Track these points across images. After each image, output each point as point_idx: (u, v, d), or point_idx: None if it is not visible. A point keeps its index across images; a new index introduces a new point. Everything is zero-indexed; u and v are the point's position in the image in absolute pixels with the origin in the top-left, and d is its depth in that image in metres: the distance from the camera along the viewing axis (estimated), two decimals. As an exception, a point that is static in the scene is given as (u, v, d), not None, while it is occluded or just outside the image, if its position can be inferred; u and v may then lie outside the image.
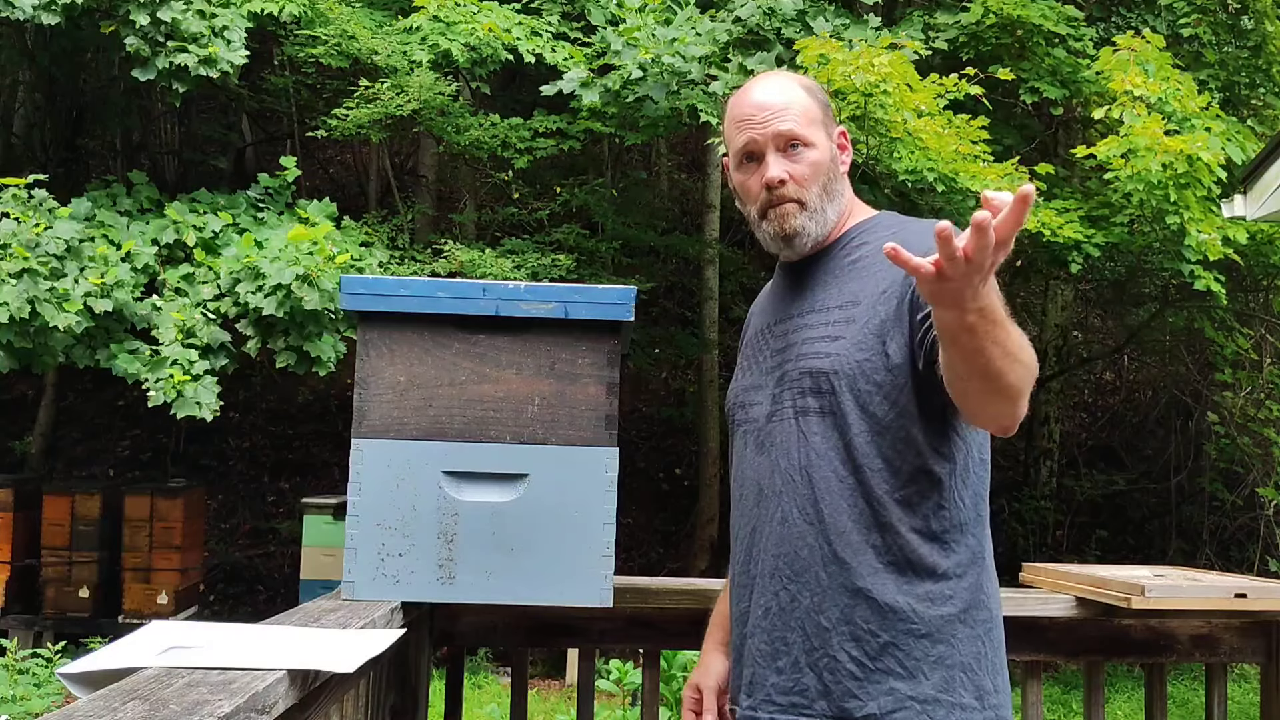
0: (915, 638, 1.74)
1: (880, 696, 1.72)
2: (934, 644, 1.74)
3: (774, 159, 1.85)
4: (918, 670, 1.73)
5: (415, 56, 8.34)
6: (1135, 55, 7.55)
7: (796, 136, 1.85)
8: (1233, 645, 2.51)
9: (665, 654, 4.66)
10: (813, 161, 1.86)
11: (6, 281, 6.98)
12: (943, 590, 1.76)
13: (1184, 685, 8.11)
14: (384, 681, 2.18)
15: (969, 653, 1.76)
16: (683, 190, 13.08)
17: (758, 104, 1.87)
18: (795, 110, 1.86)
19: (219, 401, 7.19)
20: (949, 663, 1.74)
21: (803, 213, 1.86)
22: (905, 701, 1.72)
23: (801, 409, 1.82)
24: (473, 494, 2.08)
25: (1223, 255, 7.31)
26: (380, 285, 2.10)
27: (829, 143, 1.89)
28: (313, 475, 11.17)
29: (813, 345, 1.83)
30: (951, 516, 1.79)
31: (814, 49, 7.02)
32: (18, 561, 8.50)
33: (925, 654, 1.73)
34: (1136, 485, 11.37)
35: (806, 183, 1.85)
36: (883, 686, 1.72)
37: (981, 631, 1.79)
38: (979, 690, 1.76)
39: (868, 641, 1.74)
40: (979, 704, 1.75)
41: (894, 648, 1.73)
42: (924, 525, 1.77)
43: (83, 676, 1.42)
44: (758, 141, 1.86)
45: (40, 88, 11.76)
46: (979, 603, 1.80)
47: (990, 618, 1.82)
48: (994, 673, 1.79)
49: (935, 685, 1.73)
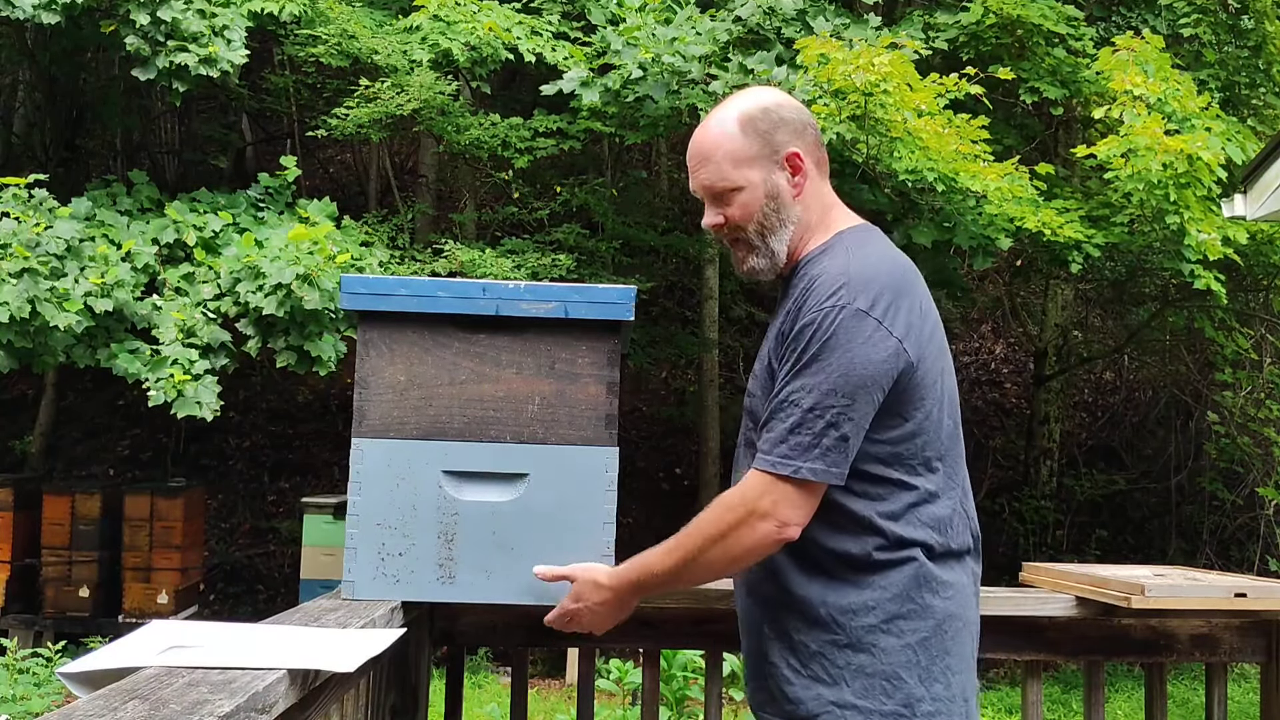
0: (838, 648, 1.85)
1: (810, 701, 1.85)
2: (855, 653, 1.84)
3: (708, 208, 1.97)
4: (840, 678, 1.84)
5: (415, 56, 8.34)
6: (1135, 55, 7.55)
7: (719, 188, 1.93)
8: (1233, 645, 2.51)
9: (665, 654, 4.66)
10: (743, 204, 1.93)
11: (7, 281, 6.98)
12: (865, 602, 1.85)
13: (1184, 685, 8.11)
14: (384, 681, 2.18)
15: (896, 661, 1.83)
16: (683, 190, 13.05)
17: (690, 153, 1.98)
18: (718, 157, 1.92)
19: (219, 401, 7.19)
20: (869, 671, 1.83)
21: (750, 254, 1.96)
22: (828, 706, 1.84)
23: (747, 440, 1.97)
24: (473, 494, 2.08)
25: (1223, 255, 7.30)
26: (380, 285, 2.10)
27: (764, 176, 1.92)
28: (313, 475, 11.17)
29: (751, 381, 1.99)
30: (873, 539, 1.85)
31: (814, 48, 7.02)
32: (18, 561, 8.50)
33: (847, 662, 1.84)
34: (1136, 485, 11.37)
35: (742, 224, 1.94)
36: (811, 692, 1.86)
37: (913, 640, 1.84)
38: (908, 698, 1.82)
39: (800, 650, 1.87)
40: (907, 710, 1.82)
41: (821, 656, 1.86)
42: (845, 548, 1.86)
43: (83, 676, 1.42)
44: (696, 192, 1.99)
45: (40, 87, 11.75)
46: (910, 613, 1.85)
47: (928, 627, 1.85)
48: (930, 680, 1.84)
49: (855, 692, 1.83)
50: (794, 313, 1.85)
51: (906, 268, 1.91)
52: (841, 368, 1.78)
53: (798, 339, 1.82)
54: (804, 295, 1.85)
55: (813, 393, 1.78)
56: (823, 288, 1.83)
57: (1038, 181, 7.75)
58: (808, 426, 1.78)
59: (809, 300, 1.84)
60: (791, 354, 1.83)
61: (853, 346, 1.78)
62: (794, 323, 1.84)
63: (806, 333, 1.81)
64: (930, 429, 1.86)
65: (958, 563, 1.90)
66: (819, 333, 1.80)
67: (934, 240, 7.57)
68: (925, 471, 1.86)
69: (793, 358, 1.82)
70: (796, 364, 1.81)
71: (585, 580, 2.01)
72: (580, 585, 2.01)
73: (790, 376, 1.81)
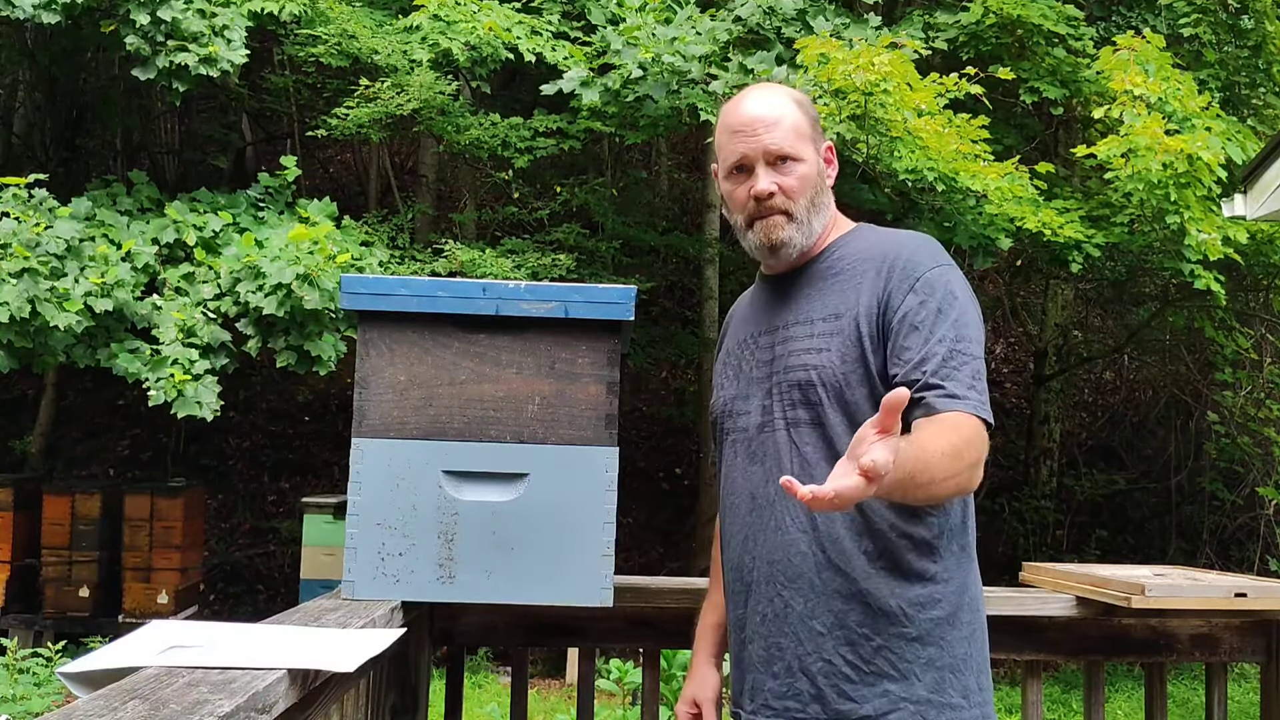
0: (907, 640, 1.79)
1: (875, 699, 1.78)
2: (925, 646, 1.79)
3: (764, 172, 1.90)
4: (910, 672, 1.78)
5: (415, 56, 8.33)
6: (1135, 55, 7.55)
7: (786, 152, 1.90)
8: (1233, 645, 2.51)
9: (665, 653, 4.66)
10: (801, 175, 1.91)
11: (7, 281, 6.98)
12: (932, 594, 1.81)
13: (1184, 685, 8.11)
14: (384, 681, 2.18)
15: (957, 654, 1.82)
16: (683, 190, 13.08)
17: (751, 116, 1.91)
18: (786, 125, 1.90)
19: (219, 401, 7.19)
20: (939, 664, 1.79)
21: (790, 224, 1.91)
22: (899, 703, 1.77)
23: (793, 420, 1.87)
24: (473, 493, 2.08)
25: (1223, 255, 7.30)
26: (380, 285, 2.10)
27: (816, 157, 1.94)
28: (313, 475, 11.17)
29: (799, 357, 1.88)
30: (940, 523, 1.84)
31: (814, 48, 7.02)
32: (18, 561, 8.50)
33: (917, 656, 1.79)
34: (1136, 485, 11.37)
35: (795, 195, 1.90)
36: (877, 689, 1.78)
37: (967, 633, 1.84)
38: (965, 690, 1.82)
39: (862, 645, 1.79)
40: (966, 702, 1.81)
41: (887, 650, 1.79)
42: (914, 531, 1.82)
43: (83, 676, 1.42)
44: (749, 155, 1.91)
45: (40, 87, 11.75)
46: (966, 605, 1.85)
47: (975, 619, 1.87)
48: (979, 672, 1.85)
49: (927, 687, 1.78)
50: (899, 271, 1.83)
51: None
52: (977, 321, 1.84)
53: (931, 290, 1.81)
54: (899, 248, 1.87)
55: (972, 343, 1.81)
56: (923, 246, 1.88)
57: (1038, 181, 7.75)
58: (979, 374, 1.80)
59: (920, 256, 1.85)
60: (932, 303, 1.80)
61: (974, 303, 1.86)
62: (913, 274, 1.83)
63: (939, 286, 1.81)
64: None
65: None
66: (952, 285, 1.83)
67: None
68: None
69: (934, 308, 1.80)
70: (941, 314, 1.80)
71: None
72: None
73: (943, 326, 1.79)
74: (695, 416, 11.07)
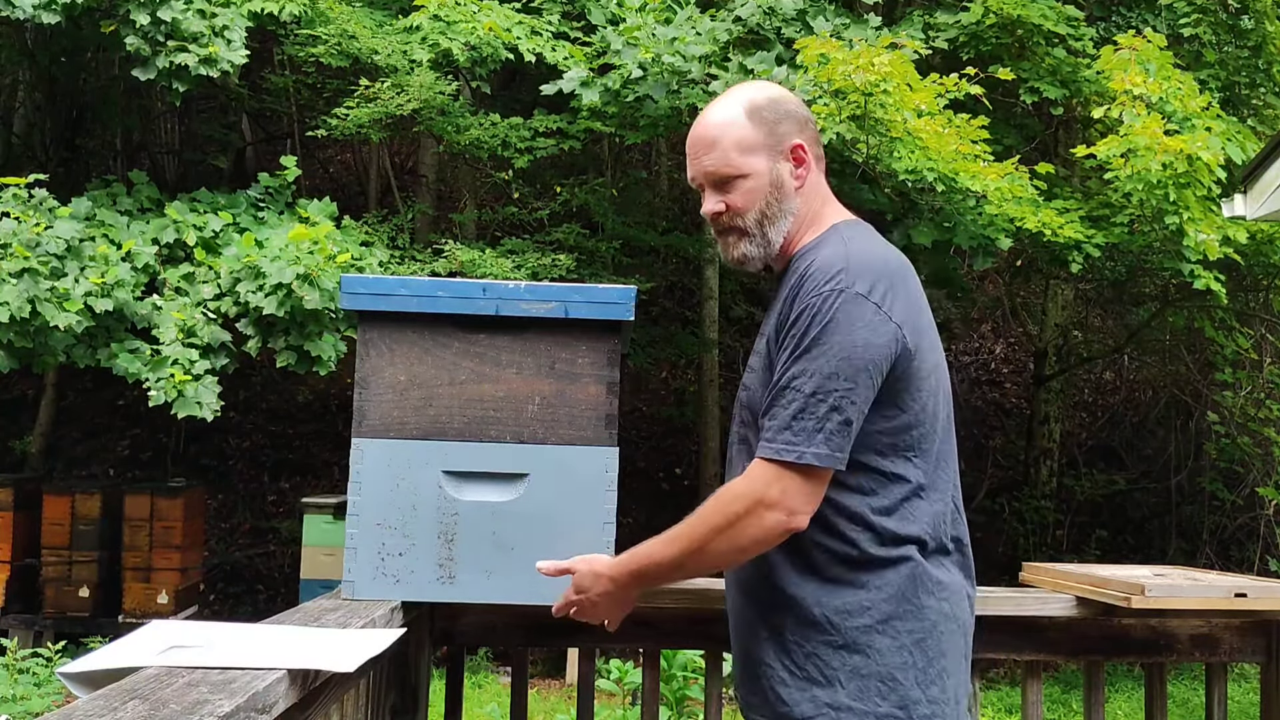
0: (834, 648, 1.83)
1: (805, 703, 1.83)
2: (850, 654, 1.82)
3: (708, 194, 1.95)
4: (835, 679, 1.82)
5: (415, 56, 8.34)
6: (1136, 55, 7.55)
7: (724, 173, 1.92)
8: (1233, 645, 2.50)
9: (665, 654, 4.66)
10: (747, 190, 1.92)
11: (7, 281, 6.98)
12: (860, 602, 1.82)
13: (1184, 685, 8.11)
14: (384, 681, 2.18)
15: (891, 663, 1.81)
16: (683, 190, 13.05)
17: (692, 139, 1.96)
18: (725, 143, 1.91)
19: (219, 401, 7.19)
20: (864, 672, 1.81)
21: (743, 240, 1.94)
22: (823, 708, 1.82)
23: (740, 437, 1.95)
24: (473, 494, 2.08)
25: (1223, 255, 7.30)
26: (380, 285, 2.10)
27: (769, 165, 1.92)
28: (313, 475, 11.17)
29: (746, 375, 1.97)
30: (871, 537, 1.83)
31: (814, 48, 7.02)
32: (18, 561, 8.50)
33: (843, 663, 1.82)
34: (1136, 485, 11.37)
35: (742, 211, 1.92)
36: (807, 694, 1.83)
37: (909, 641, 1.82)
38: (903, 700, 1.80)
39: (795, 651, 1.85)
40: (903, 713, 1.80)
41: (815, 657, 1.83)
42: (832, 545, 1.84)
43: (83, 676, 1.42)
44: (694, 178, 1.97)
45: (40, 88, 11.74)
46: (906, 614, 1.83)
47: (923, 628, 1.83)
48: (927, 683, 1.82)
49: (850, 694, 1.81)
50: (791, 300, 1.83)
51: (902, 260, 1.91)
52: (842, 350, 1.76)
53: (796, 324, 1.80)
54: (801, 281, 1.84)
55: (814, 377, 1.76)
56: (820, 273, 1.82)
57: (1038, 181, 7.75)
58: (810, 411, 1.75)
59: (806, 285, 1.82)
60: (791, 339, 1.80)
61: (853, 330, 1.77)
62: (792, 308, 1.82)
63: (805, 317, 1.79)
64: (926, 421, 1.84)
65: (950, 560, 1.88)
66: (819, 316, 1.78)
67: (934, 240, 7.57)
68: (920, 464, 1.84)
69: (792, 343, 1.80)
70: (796, 349, 1.79)
71: (586, 571, 1.98)
72: (581, 576, 1.98)
73: (790, 361, 1.79)
74: (695, 416, 11.07)
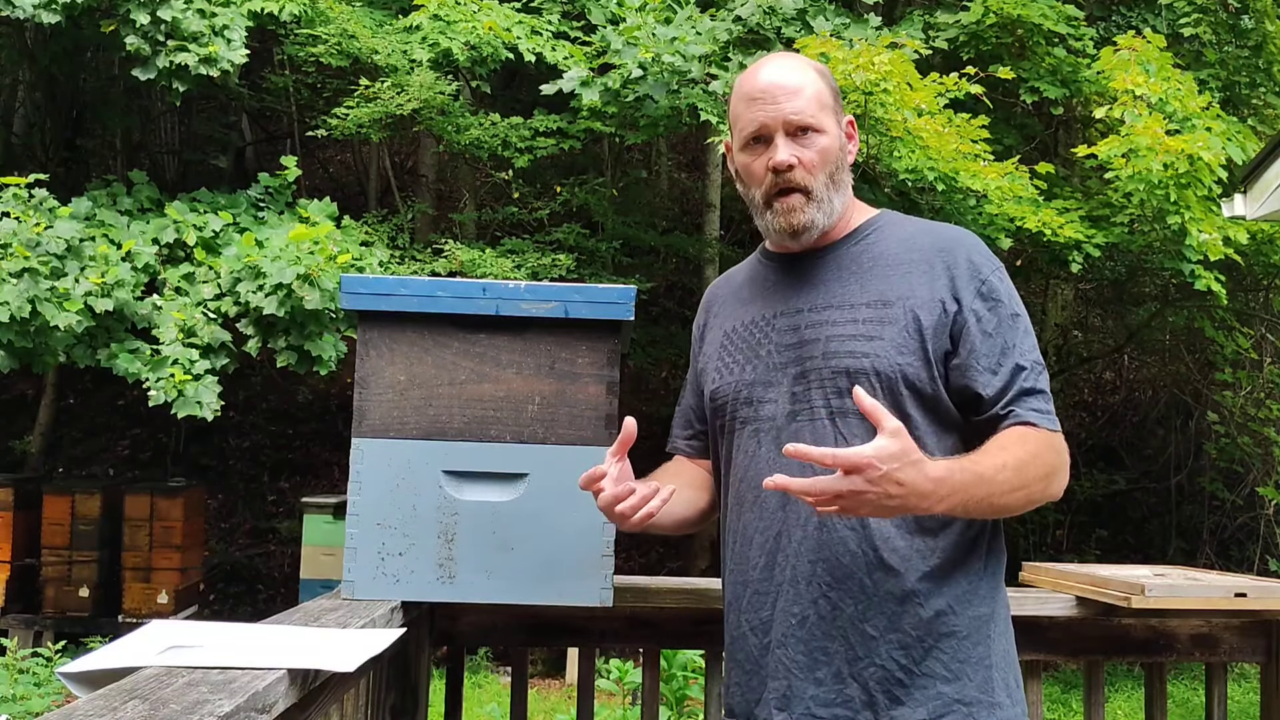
0: (958, 639, 1.74)
1: (929, 701, 1.71)
2: (974, 645, 1.74)
3: (783, 142, 1.78)
4: (961, 673, 1.73)
5: (415, 55, 8.34)
6: (1136, 55, 7.55)
7: (808, 123, 1.78)
8: (1233, 645, 2.50)
9: (665, 654, 4.66)
10: (822, 149, 1.79)
11: (7, 281, 6.98)
12: (978, 590, 1.77)
13: (1184, 685, 8.11)
14: (384, 681, 2.18)
15: (1000, 651, 1.78)
16: (683, 190, 13.08)
17: (771, 83, 1.79)
18: (808, 93, 1.79)
19: (219, 401, 7.19)
20: (987, 663, 1.75)
21: (809, 204, 1.79)
22: (952, 705, 1.72)
23: (839, 410, 1.76)
24: (473, 493, 2.08)
25: (1223, 255, 7.31)
26: (380, 285, 2.10)
27: (839, 130, 1.84)
28: (313, 475, 11.17)
29: (844, 344, 1.77)
30: (982, 520, 1.80)
31: (814, 48, 7.03)
32: (18, 561, 8.50)
33: (967, 655, 1.74)
34: (1136, 485, 11.37)
35: (814, 170, 1.79)
36: (930, 691, 1.71)
37: (1004, 628, 1.82)
38: (1008, 687, 1.78)
39: (914, 647, 1.72)
40: (1009, 700, 1.77)
41: (938, 651, 1.73)
42: (963, 529, 1.77)
43: (83, 676, 1.42)
44: (768, 124, 1.79)
45: (40, 87, 11.74)
46: (1003, 601, 1.83)
47: (1008, 615, 1.85)
48: (1016, 669, 1.83)
49: (977, 686, 1.73)
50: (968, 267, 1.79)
51: None
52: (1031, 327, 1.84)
53: (998, 295, 1.78)
54: (955, 244, 1.81)
55: (1034, 350, 1.79)
56: (979, 245, 1.83)
57: (1038, 181, 7.75)
58: (1048, 384, 1.81)
59: (977, 256, 1.81)
60: (1003, 310, 1.78)
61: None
62: (980, 275, 1.79)
63: (1004, 290, 1.79)
64: None
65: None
66: (1011, 290, 1.81)
67: (934, 240, 7.57)
68: None
69: (1008, 316, 1.78)
70: (1014, 323, 1.78)
71: (902, 450, 1.53)
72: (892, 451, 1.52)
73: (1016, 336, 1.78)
74: (695, 416, 11.06)
